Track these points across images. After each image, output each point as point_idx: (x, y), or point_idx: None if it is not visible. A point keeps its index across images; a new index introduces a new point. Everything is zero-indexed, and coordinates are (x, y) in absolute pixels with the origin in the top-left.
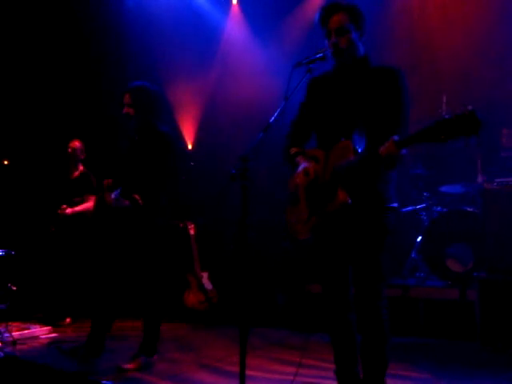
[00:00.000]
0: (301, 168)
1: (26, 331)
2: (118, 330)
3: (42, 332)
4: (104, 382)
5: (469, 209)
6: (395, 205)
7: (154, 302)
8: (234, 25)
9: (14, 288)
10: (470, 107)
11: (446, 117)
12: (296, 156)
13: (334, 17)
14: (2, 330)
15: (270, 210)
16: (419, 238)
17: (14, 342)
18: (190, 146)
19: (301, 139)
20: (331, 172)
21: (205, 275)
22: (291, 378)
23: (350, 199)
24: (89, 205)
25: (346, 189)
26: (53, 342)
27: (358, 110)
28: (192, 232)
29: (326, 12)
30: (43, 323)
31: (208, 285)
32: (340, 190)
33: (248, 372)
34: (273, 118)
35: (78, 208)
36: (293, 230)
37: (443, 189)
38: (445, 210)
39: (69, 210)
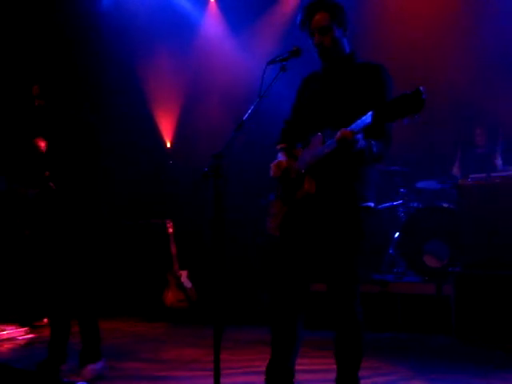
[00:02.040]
0: (275, 161)
1: (2, 333)
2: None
3: (18, 333)
4: (79, 382)
5: (445, 205)
6: (371, 204)
7: (87, 301)
8: (212, 22)
9: None
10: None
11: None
12: (278, 151)
13: (315, 16)
14: None
15: (251, 207)
16: (397, 234)
17: None
18: (168, 144)
19: (290, 137)
20: (302, 165)
21: (184, 274)
22: None
23: (314, 189)
24: None
25: (315, 180)
26: (29, 343)
27: (337, 106)
28: (170, 230)
29: (307, 12)
30: (20, 324)
31: (187, 283)
32: (307, 179)
33: (227, 371)
34: (246, 116)
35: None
36: (268, 225)
37: (420, 185)
38: (421, 206)
39: None
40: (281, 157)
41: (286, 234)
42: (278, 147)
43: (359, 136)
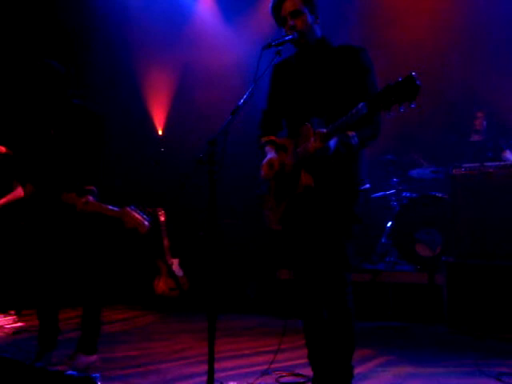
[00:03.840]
0: (265, 160)
1: None
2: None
3: (6, 322)
4: (69, 372)
5: (438, 194)
6: (367, 186)
7: (95, 291)
8: (204, 9)
9: None
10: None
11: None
12: (266, 145)
13: (286, 2)
14: None
15: (242, 197)
16: (389, 224)
17: None
18: (160, 132)
19: (272, 128)
20: (295, 158)
21: (175, 262)
22: (264, 363)
23: (313, 182)
24: (18, 192)
25: (310, 172)
26: (17, 332)
27: (319, 93)
28: (162, 218)
29: (279, 0)
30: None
31: (179, 271)
32: (303, 173)
33: (218, 358)
34: (241, 101)
35: (7, 198)
36: (267, 219)
37: (412, 173)
38: (414, 195)
39: None
40: (270, 153)
41: (290, 229)
42: (264, 140)
43: (331, 143)
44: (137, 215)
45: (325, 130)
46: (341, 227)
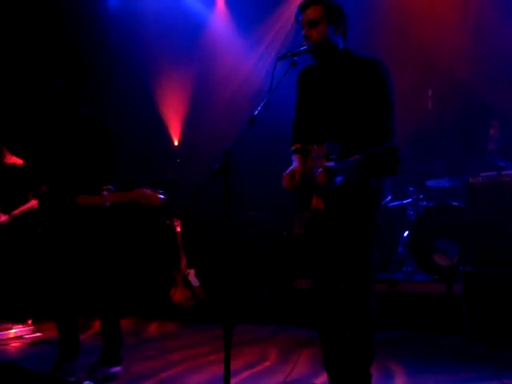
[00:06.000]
0: (288, 170)
1: (9, 331)
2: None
3: (25, 332)
4: (87, 382)
5: (455, 203)
6: (388, 198)
7: (110, 302)
8: (219, 19)
9: None
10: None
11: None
12: (293, 154)
13: (307, 10)
14: None
15: (257, 205)
16: (406, 233)
17: None
18: (176, 143)
19: (301, 136)
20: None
21: (192, 272)
22: (280, 372)
23: (323, 205)
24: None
25: (321, 196)
26: (36, 342)
27: (335, 107)
28: (178, 229)
29: (302, 6)
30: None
31: (195, 282)
32: (314, 197)
33: (234, 368)
34: (257, 111)
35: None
36: (293, 224)
37: (429, 183)
38: (431, 204)
39: (4, 218)
40: (294, 162)
41: (313, 236)
42: (293, 148)
43: (337, 179)
44: (148, 191)
45: (332, 166)
46: (364, 236)
